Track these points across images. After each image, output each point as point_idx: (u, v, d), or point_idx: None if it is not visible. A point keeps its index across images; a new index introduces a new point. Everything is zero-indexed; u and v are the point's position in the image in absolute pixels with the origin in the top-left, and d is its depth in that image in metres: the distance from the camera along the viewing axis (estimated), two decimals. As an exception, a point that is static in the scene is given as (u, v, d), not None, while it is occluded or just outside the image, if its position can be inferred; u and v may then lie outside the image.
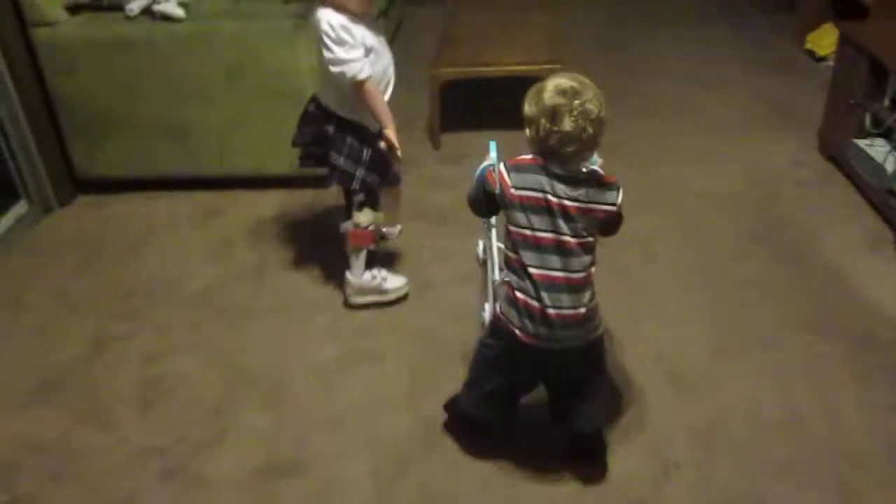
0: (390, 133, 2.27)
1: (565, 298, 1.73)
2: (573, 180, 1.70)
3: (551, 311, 1.72)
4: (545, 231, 1.71)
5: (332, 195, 2.95)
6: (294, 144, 2.46)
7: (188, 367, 2.31)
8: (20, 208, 3.12)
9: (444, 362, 2.26)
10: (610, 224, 1.82)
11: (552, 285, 1.73)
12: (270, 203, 3.15)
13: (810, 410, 2.07)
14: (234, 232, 2.97)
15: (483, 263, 2.30)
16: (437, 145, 3.51)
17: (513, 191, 1.72)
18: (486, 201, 1.82)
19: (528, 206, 1.71)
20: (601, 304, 1.82)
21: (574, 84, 1.68)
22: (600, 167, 1.97)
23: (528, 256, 1.73)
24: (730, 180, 3.14)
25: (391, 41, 4.89)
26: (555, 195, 1.69)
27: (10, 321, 2.57)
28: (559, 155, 1.68)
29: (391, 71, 2.36)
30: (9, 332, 2.52)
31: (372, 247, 2.50)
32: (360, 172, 2.32)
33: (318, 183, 3.12)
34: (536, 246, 1.72)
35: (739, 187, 3.09)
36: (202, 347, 2.39)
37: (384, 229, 2.65)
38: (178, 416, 2.16)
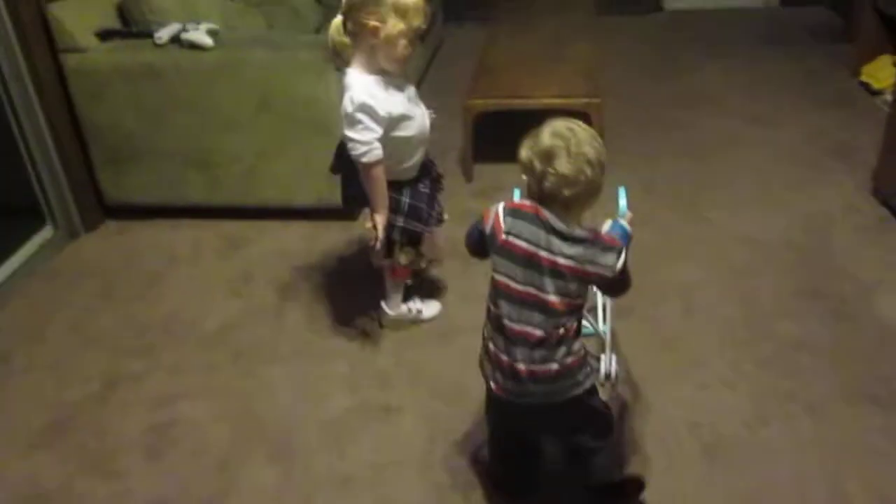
0: (378, 218, 2.19)
1: (537, 355, 1.65)
2: (571, 238, 1.62)
3: (521, 366, 1.66)
4: (529, 285, 1.63)
5: (359, 228, 2.86)
6: (332, 171, 2.39)
7: (198, 414, 2.22)
8: (45, 234, 3.09)
9: (464, 419, 2.13)
10: (609, 287, 1.73)
11: (524, 341, 1.65)
12: (296, 236, 3.07)
13: (861, 494, 1.89)
14: (257, 265, 2.89)
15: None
16: (469, 177, 3.40)
17: (504, 236, 1.65)
18: (479, 240, 1.74)
19: (516, 256, 1.64)
20: (630, 359, 1.69)
21: (570, 127, 1.63)
22: (629, 221, 1.88)
23: (505, 308, 1.66)
24: (778, 226, 2.95)
25: (429, 64, 4.88)
26: (549, 251, 1.62)
27: (27, 354, 2.52)
28: (558, 200, 1.61)
29: (427, 126, 2.27)
30: (25, 366, 2.47)
31: (409, 282, 2.49)
32: (399, 221, 2.27)
33: (345, 216, 3.09)
34: (516, 299, 1.64)
35: (789, 234, 2.90)
36: (214, 392, 2.30)
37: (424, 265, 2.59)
38: (184, 466, 2.07)
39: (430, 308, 2.57)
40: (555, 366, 1.66)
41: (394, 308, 2.50)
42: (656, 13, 5.47)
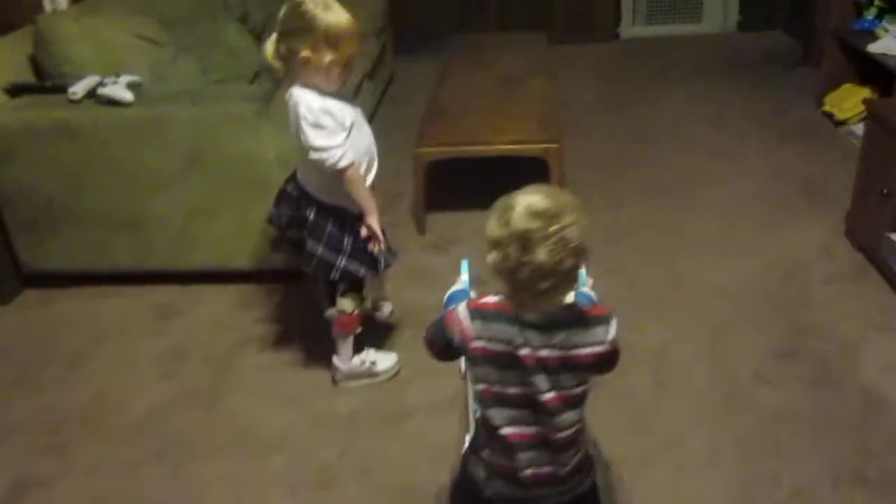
0: (372, 222, 2.13)
1: (544, 456, 1.45)
2: (550, 325, 1.39)
3: (527, 472, 1.45)
4: (518, 387, 1.42)
5: (303, 290, 2.65)
6: (270, 222, 2.31)
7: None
8: (-44, 308, 2.81)
9: (416, 523, 1.91)
10: (604, 365, 1.49)
11: (527, 444, 1.45)
12: (233, 302, 2.82)
13: None
14: (190, 339, 2.63)
15: (464, 377, 1.97)
16: (421, 230, 3.18)
17: (475, 343, 1.42)
18: (446, 349, 1.48)
19: (493, 360, 1.42)
20: (600, 438, 1.49)
21: (550, 204, 1.34)
22: (590, 288, 1.71)
23: (497, 415, 1.44)
24: (750, 274, 2.78)
25: (379, 101, 4.67)
26: (529, 347, 1.39)
27: (-73, 455, 2.24)
28: (532, 292, 1.37)
29: (373, 148, 2.18)
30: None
31: (359, 331, 2.33)
32: (341, 262, 2.14)
33: (287, 278, 2.86)
34: (508, 403, 1.43)
35: (762, 283, 2.73)
36: (135, 499, 2.04)
37: (375, 312, 2.55)
38: None
39: (385, 360, 2.41)
40: (566, 469, 1.47)
41: (345, 362, 2.34)
42: (612, 41, 5.34)
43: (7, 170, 2.72)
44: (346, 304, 2.25)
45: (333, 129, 2.00)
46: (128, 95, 2.59)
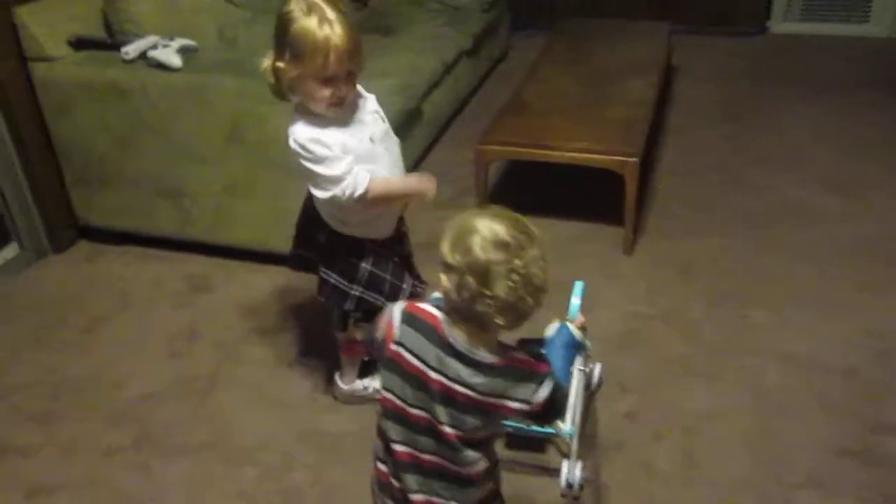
0: (428, 187, 1.87)
1: (437, 486, 1.36)
2: (477, 364, 1.26)
3: (417, 497, 1.37)
4: (419, 408, 1.32)
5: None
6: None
7: (69, 517, 1.91)
8: (10, 251, 2.86)
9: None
10: (528, 418, 1.35)
11: (419, 468, 1.35)
12: (266, 284, 2.71)
13: None
14: (209, 320, 2.55)
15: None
16: (480, 232, 2.93)
17: (392, 346, 1.33)
18: (371, 343, 1.41)
19: (404, 373, 1.32)
20: None
21: (517, 235, 1.23)
22: (579, 325, 1.55)
23: (393, 430, 1.36)
24: (837, 343, 2.34)
25: (484, 77, 4.38)
26: (441, 374, 1.27)
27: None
28: (481, 325, 1.26)
29: (398, 171, 1.91)
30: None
31: (367, 357, 2.15)
32: (355, 291, 1.92)
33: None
34: (406, 421, 1.34)
35: (846, 358, 2.28)
36: (99, 489, 1.97)
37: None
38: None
39: None
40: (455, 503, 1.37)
41: (347, 382, 2.19)
42: (757, 36, 4.75)
43: (65, 122, 2.72)
44: (358, 332, 2.05)
45: (334, 156, 1.72)
46: (176, 61, 2.50)
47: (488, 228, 1.22)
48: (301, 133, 1.74)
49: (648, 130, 2.93)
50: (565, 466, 1.85)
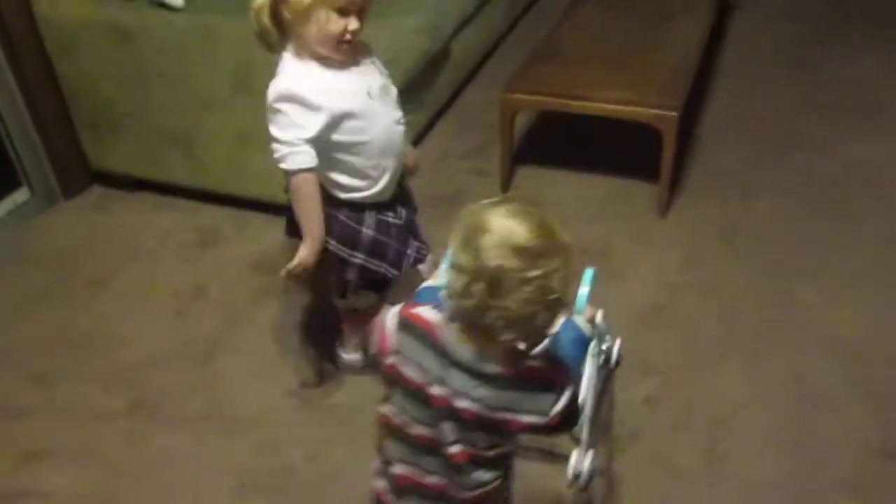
0: (305, 251, 1.71)
1: None
2: (483, 376, 1.12)
3: None
4: (422, 424, 1.18)
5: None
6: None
7: (58, 488, 1.84)
8: (20, 196, 2.78)
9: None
10: (539, 433, 1.21)
11: (420, 492, 1.23)
12: (278, 237, 2.54)
13: None
14: (217, 276, 2.44)
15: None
16: (505, 185, 2.74)
17: (389, 358, 1.18)
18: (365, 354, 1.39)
19: (404, 387, 1.18)
20: None
21: (535, 239, 1.04)
22: (588, 319, 1.39)
23: (393, 448, 1.24)
24: (891, 335, 2.10)
25: (517, 21, 4.05)
26: (445, 388, 1.12)
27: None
28: (487, 336, 1.09)
29: (397, 137, 1.75)
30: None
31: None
32: (357, 259, 1.79)
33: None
34: (408, 441, 1.21)
35: (898, 347, 2.07)
36: (91, 458, 1.90)
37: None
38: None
39: None
40: None
41: (349, 353, 2.09)
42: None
43: (69, 63, 2.59)
44: (359, 301, 1.93)
45: (292, 122, 1.61)
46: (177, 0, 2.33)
47: (502, 228, 1.05)
48: (284, 81, 1.62)
49: (695, 77, 2.66)
50: (574, 456, 1.71)
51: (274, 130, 1.63)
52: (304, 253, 1.71)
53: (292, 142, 1.61)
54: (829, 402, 1.93)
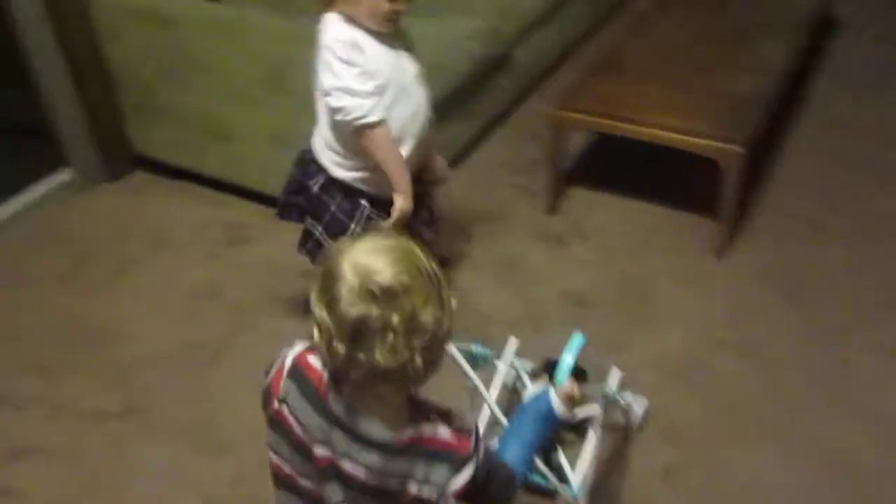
0: (402, 201, 1.72)
1: None
2: (367, 441, 0.99)
3: None
4: (309, 479, 1.06)
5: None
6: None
7: (35, 489, 1.80)
8: (63, 176, 2.79)
9: None
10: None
11: None
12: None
13: None
14: (236, 275, 2.38)
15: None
16: (550, 208, 2.55)
17: (276, 403, 1.06)
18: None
19: (289, 438, 1.05)
20: None
21: (396, 275, 0.92)
22: (565, 396, 1.24)
23: (282, 498, 1.12)
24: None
25: (609, 15, 3.81)
26: (328, 449, 1.01)
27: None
28: (364, 392, 0.98)
29: (422, 115, 1.75)
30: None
31: None
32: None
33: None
34: (295, 490, 1.09)
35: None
36: (74, 460, 1.86)
37: None
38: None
39: None
40: None
41: None
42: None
43: (116, 47, 2.58)
44: None
45: (364, 71, 1.61)
46: (215, -11, 2.25)
47: (362, 271, 0.92)
48: (343, 32, 1.61)
49: (774, 106, 2.41)
50: None
51: (347, 82, 1.61)
52: (403, 202, 1.72)
53: (370, 93, 1.61)
54: (882, 498, 1.68)
